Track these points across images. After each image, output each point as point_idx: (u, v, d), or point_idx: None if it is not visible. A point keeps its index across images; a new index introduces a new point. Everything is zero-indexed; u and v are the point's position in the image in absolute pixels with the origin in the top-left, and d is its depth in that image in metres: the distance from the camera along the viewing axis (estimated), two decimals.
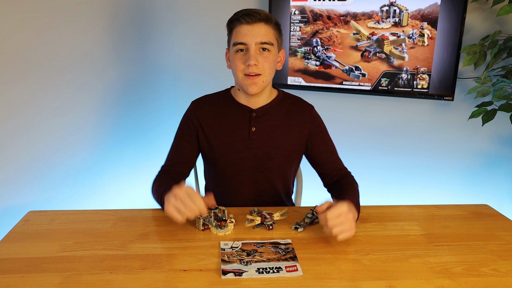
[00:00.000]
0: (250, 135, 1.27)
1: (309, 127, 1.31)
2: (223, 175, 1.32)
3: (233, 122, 1.28)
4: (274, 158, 1.29)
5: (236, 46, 1.20)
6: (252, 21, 1.18)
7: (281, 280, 0.89)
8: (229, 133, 1.28)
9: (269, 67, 1.21)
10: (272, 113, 1.29)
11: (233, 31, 1.21)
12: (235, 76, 1.24)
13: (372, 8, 2.10)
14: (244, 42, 1.18)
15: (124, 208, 1.26)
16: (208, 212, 1.15)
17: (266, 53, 1.20)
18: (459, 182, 2.24)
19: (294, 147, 1.31)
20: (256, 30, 1.18)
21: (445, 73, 2.05)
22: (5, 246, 1.01)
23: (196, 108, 1.31)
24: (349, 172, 1.35)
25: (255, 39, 1.18)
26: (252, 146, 1.27)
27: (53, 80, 1.55)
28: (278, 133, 1.29)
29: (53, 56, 1.54)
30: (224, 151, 1.28)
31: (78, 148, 1.74)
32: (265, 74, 1.21)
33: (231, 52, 1.24)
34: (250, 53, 1.18)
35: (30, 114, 1.46)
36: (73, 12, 1.63)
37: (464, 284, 0.89)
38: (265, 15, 1.19)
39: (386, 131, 2.31)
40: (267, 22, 1.20)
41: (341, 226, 0.99)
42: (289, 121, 1.30)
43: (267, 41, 1.19)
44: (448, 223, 1.18)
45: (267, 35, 1.19)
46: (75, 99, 1.69)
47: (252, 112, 1.28)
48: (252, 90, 1.21)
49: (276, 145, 1.28)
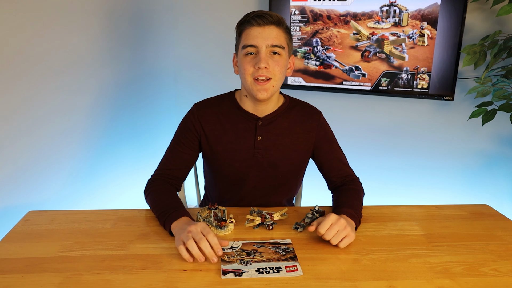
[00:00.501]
0: (256, 144, 1.24)
1: (317, 134, 1.28)
2: (225, 182, 1.30)
3: (238, 129, 1.24)
4: (279, 167, 1.26)
5: (245, 49, 1.15)
6: (263, 23, 1.13)
7: (281, 280, 0.89)
8: (233, 141, 1.24)
9: (280, 71, 1.16)
10: (279, 121, 1.26)
11: (243, 34, 1.16)
12: (243, 80, 1.19)
13: (372, 8, 2.10)
14: (255, 45, 1.13)
15: (124, 208, 1.25)
16: (208, 212, 1.15)
17: (277, 57, 1.15)
18: (459, 182, 2.24)
19: (300, 155, 1.28)
20: (267, 32, 1.13)
21: (445, 73, 2.05)
22: (5, 246, 1.01)
23: (200, 113, 1.26)
24: (357, 178, 1.32)
25: (266, 41, 1.13)
26: (257, 155, 1.24)
27: (53, 81, 1.55)
28: (284, 142, 1.25)
29: (52, 57, 1.54)
30: (228, 159, 1.25)
31: (78, 148, 1.74)
32: (276, 78, 1.16)
33: (239, 55, 1.18)
34: (261, 56, 1.13)
35: (30, 114, 1.46)
36: (72, 13, 1.63)
37: (464, 284, 0.89)
38: (277, 18, 1.15)
39: (386, 131, 2.31)
40: (279, 25, 1.15)
41: (337, 235, 1.01)
42: (295, 129, 1.27)
43: (278, 44, 1.14)
44: (448, 223, 1.18)
45: (278, 38, 1.14)
46: (75, 99, 1.69)
47: (258, 120, 1.24)
48: (262, 96, 1.16)
49: (281, 154, 1.25)
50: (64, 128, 1.64)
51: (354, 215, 1.11)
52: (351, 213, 1.11)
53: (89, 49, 1.76)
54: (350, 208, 1.13)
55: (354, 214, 1.11)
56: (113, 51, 1.94)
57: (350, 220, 1.08)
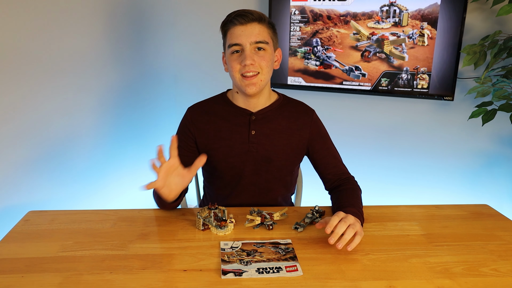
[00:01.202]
0: (250, 139, 1.26)
1: (310, 131, 1.31)
2: (222, 179, 1.32)
3: (232, 126, 1.28)
4: (274, 161, 1.28)
5: (231, 48, 1.20)
6: (245, 21, 1.17)
7: (281, 280, 0.89)
8: (228, 137, 1.27)
9: (267, 65, 1.20)
10: (272, 116, 1.29)
11: (227, 34, 1.21)
12: (232, 78, 1.23)
13: (372, 8, 2.10)
14: (239, 43, 1.18)
15: (124, 208, 1.26)
16: (208, 212, 1.15)
17: (262, 52, 1.20)
18: (459, 182, 2.24)
19: (294, 151, 1.30)
20: (249, 30, 1.18)
21: (445, 73, 2.05)
22: (5, 246, 1.01)
23: (193, 115, 1.30)
24: (352, 177, 1.33)
25: (249, 39, 1.17)
26: (252, 150, 1.27)
27: (53, 81, 1.55)
28: (278, 137, 1.28)
29: (52, 57, 1.54)
30: (224, 155, 1.28)
31: (78, 148, 1.74)
32: (263, 72, 1.20)
33: (227, 54, 1.23)
34: (246, 53, 1.18)
35: (30, 114, 1.46)
36: (72, 13, 1.63)
37: (464, 284, 0.89)
38: (257, 15, 1.19)
39: (386, 131, 2.31)
40: (260, 22, 1.19)
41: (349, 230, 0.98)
42: (289, 125, 1.29)
43: (261, 40, 1.19)
44: (448, 223, 1.18)
45: (261, 34, 1.19)
46: (75, 100, 1.69)
47: (251, 115, 1.27)
48: (251, 91, 1.20)
49: (276, 148, 1.28)
50: (64, 128, 1.64)
51: (359, 214, 1.12)
52: (355, 212, 1.11)
53: (89, 49, 1.76)
54: (353, 207, 1.14)
55: (358, 213, 1.12)
56: (113, 51, 1.94)
57: (356, 218, 1.08)
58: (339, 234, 0.98)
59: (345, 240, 0.97)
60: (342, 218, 1.01)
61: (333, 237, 0.97)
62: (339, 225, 0.99)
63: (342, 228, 0.98)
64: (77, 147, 1.73)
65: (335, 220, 1.00)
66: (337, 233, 0.98)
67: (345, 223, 0.99)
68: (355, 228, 1.00)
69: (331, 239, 0.97)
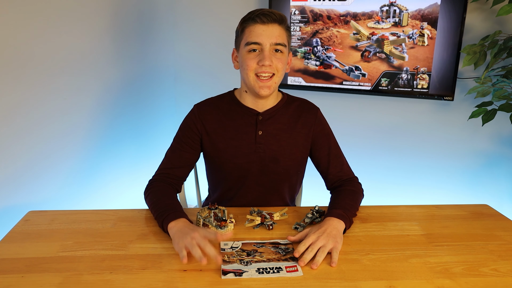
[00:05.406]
0: (257, 139, 1.25)
1: (314, 129, 1.30)
2: (228, 179, 1.30)
3: (239, 125, 1.26)
4: (281, 161, 1.27)
5: (249, 46, 1.18)
6: (267, 21, 1.17)
7: (281, 280, 0.89)
8: (235, 137, 1.26)
9: (282, 68, 1.21)
10: (278, 116, 1.28)
11: (246, 30, 1.19)
12: (245, 76, 1.21)
13: (372, 8, 2.10)
14: (259, 42, 1.17)
15: (124, 208, 1.26)
16: (208, 212, 1.15)
17: (279, 54, 1.19)
18: (459, 182, 2.24)
19: (300, 150, 1.29)
20: (270, 30, 1.17)
21: (445, 73, 2.05)
22: (5, 246, 1.01)
23: (201, 112, 1.28)
24: (356, 179, 1.31)
25: (270, 39, 1.17)
26: (259, 150, 1.25)
27: (53, 80, 1.55)
28: (285, 136, 1.27)
29: (52, 57, 1.54)
30: (230, 156, 1.26)
31: (78, 148, 1.74)
32: (278, 74, 1.20)
33: (242, 52, 1.21)
34: (265, 54, 1.16)
35: (30, 114, 1.46)
36: (73, 12, 1.63)
37: (464, 284, 0.89)
38: (280, 16, 1.19)
39: (386, 131, 2.31)
40: (281, 23, 1.19)
41: (319, 253, 0.96)
42: (294, 124, 1.28)
43: (281, 42, 1.18)
44: (448, 223, 1.18)
45: (281, 36, 1.18)
46: (75, 99, 1.69)
47: (258, 115, 1.26)
48: (264, 93, 1.20)
49: (282, 148, 1.27)
50: (64, 128, 1.64)
51: (344, 215, 1.09)
52: (340, 213, 1.09)
53: (89, 49, 1.76)
54: (339, 208, 1.12)
55: (343, 215, 1.09)
56: (113, 51, 1.93)
57: (336, 223, 1.06)
58: (307, 260, 0.95)
59: (317, 262, 0.95)
60: (311, 244, 0.98)
61: (302, 262, 0.95)
62: (306, 253, 0.96)
63: (310, 255, 0.96)
64: (77, 147, 1.73)
65: (301, 247, 0.98)
66: (304, 259, 0.95)
67: (312, 250, 0.97)
68: (327, 248, 0.97)
69: (301, 263, 0.95)
